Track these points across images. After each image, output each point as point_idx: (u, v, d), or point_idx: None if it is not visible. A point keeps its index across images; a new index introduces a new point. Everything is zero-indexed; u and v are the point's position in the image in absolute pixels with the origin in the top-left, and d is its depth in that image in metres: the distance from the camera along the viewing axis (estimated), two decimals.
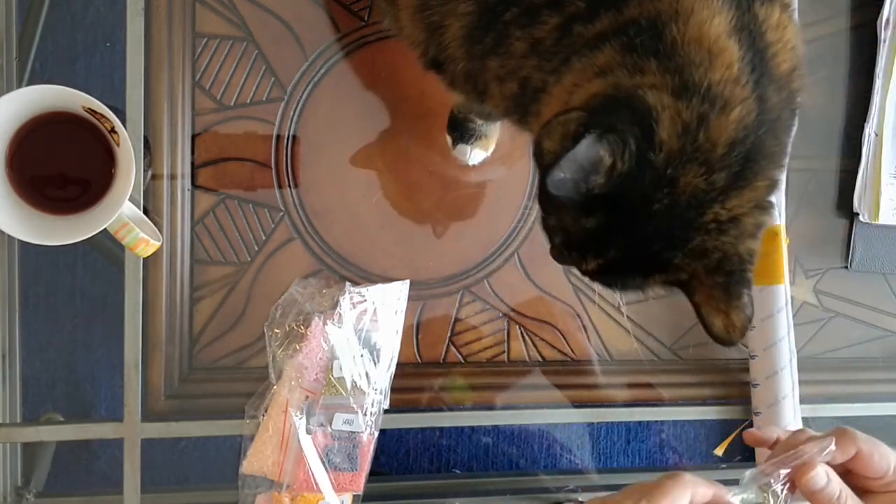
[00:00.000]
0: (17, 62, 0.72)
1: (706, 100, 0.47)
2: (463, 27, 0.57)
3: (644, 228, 0.49)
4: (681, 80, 0.48)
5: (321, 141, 0.77)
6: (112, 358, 0.74)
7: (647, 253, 0.50)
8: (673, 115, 0.47)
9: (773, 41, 0.50)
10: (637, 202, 0.48)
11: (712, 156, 0.47)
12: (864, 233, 0.86)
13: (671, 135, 0.47)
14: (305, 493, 0.74)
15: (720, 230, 0.49)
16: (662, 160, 0.47)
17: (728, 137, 0.48)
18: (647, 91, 0.48)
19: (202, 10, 0.74)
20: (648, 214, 0.48)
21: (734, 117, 0.48)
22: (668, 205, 0.48)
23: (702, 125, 0.47)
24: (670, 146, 0.47)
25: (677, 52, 0.48)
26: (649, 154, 0.47)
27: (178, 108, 0.74)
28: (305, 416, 0.74)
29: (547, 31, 0.52)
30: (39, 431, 0.74)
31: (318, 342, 0.74)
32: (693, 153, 0.47)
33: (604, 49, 0.50)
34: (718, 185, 0.48)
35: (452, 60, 0.60)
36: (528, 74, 0.55)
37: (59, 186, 0.68)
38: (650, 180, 0.47)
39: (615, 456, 0.87)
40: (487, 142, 0.77)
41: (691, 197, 0.48)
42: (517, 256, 0.81)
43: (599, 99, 0.49)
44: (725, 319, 0.51)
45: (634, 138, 0.47)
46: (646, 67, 0.48)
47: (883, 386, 0.88)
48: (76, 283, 0.75)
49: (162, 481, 0.76)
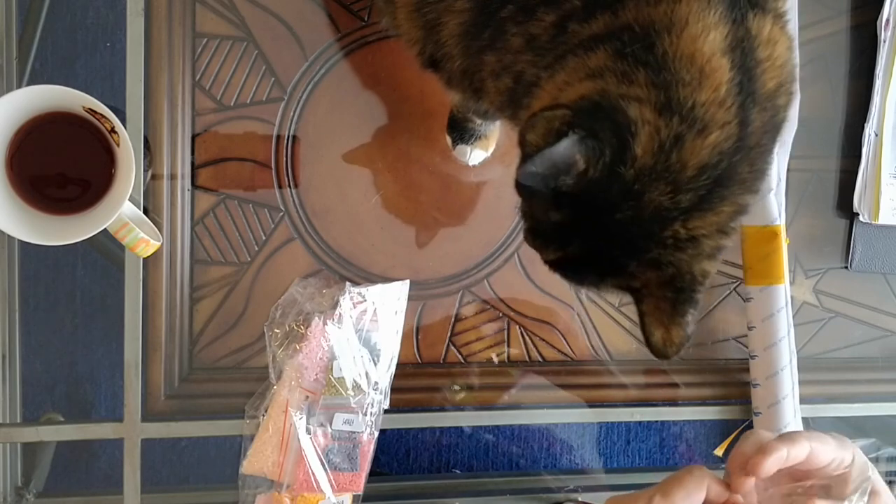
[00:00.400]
0: (17, 62, 0.72)
1: (686, 120, 0.48)
2: (460, 24, 0.58)
3: (605, 232, 0.50)
4: (666, 96, 0.48)
5: (321, 141, 0.77)
6: (112, 358, 0.74)
7: (606, 255, 0.51)
8: (651, 132, 0.48)
9: (764, 58, 0.50)
10: (602, 208, 0.49)
11: (681, 177, 0.48)
12: (864, 233, 0.86)
13: (646, 151, 0.48)
14: (305, 493, 0.74)
15: (677, 247, 0.50)
16: (632, 175, 0.48)
17: (700, 161, 0.48)
18: (631, 103, 0.48)
19: (202, 10, 0.74)
20: (611, 221, 0.49)
21: (710, 141, 0.48)
22: (631, 216, 0.49)
23: (676, 145, 0.47)
24: (643, 162, 0.48)
25: (668, 67, 0.48)
26: (620, 168, 0.48)
27: (178, 108, 0.74)
28: (305, 416, 0.74)
29: (543, 27, 0.53)
30: (39, 431, 0.74)
31: (318, 342, 0.74)
32: (663, 172, 0.48)
33: (597, 51, 0.50)
34: (682, 205, 0.49)
35: (449, 58, 0.60)
36: (522, 69, 0.55)
37: (59, 186, 0.68)
38: (617, 192, 0.48)
39: (615, 456, 0.87)
40: (487, 142, 0.77)
41: (654, 212, 0.49)
42: (517, 256, 0.81)
43: (586, 102, 0.49)
44: (665, 333, 0.52)
45: (610, 149, 0.47)
46: (635, 78, 0.49)
47: (883, 386, 0.88)
48: (76, 283, 0.75)
49: (162, 481, 0.77)
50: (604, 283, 0.54)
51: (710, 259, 0.51)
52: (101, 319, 0.75)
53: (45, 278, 0.74)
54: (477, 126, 0.74)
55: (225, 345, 0.76)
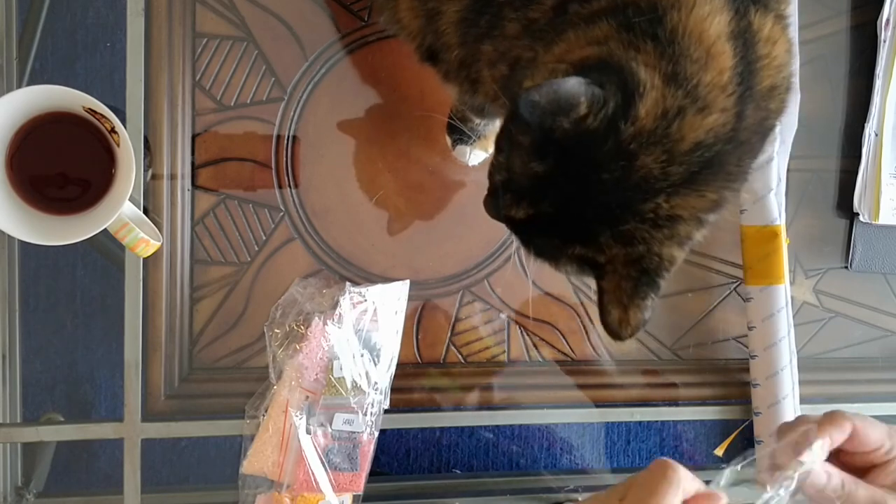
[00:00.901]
0: (17, 62, 0.72)
1: (690, 96, 0.47)
2: (458, 11, 0.58)
3: (585, 192, 0.49)
4: (674, 69, 0.48)
5: (321, 141, 0.77)
6: (112, 358, 0.74)
7: (578, 218, 0.50)
8: (657, 97, 0.47)
9: (763, 55, 0.50)
10: (590, 164, 0.48)
11: (677, 147, 0.48)
12: (864, 233, 0.86)
13: (649, 114, 0.47)
14: (305, 493, 0.74)
15: (655, 224, 0.49)
16: (630, 134, 0.47)
17: (697, 137, 0.48)
18: (640, 66, 0.48)
19: (202, 10, 0.74)
20: (596, 181, 0.48)
21: (709, 122, 0.48)
22: (618, 178, 0.48)
23: (678, 116, 0.47)
24: (644, 124, 0.47)
25: (676, 41, 0.48)
26: (621, 123, 0.47)
27: (178, 108, 0.74)
28: (305, 416, 0.74)
29: (542, 11, 0.52)
30: (39, 431, 0.74)
31: (318, 342, 0.74)
32: (661, 138, 0.47)
33: (600, 24, 0.50)
34: (671, 178, 0.48)
35: (447, 48, 0.60)
36: (518, 54, 0.54)
37: (59, 186, 0.68)
38: (610, 148, 0.47)
39: (615, 456, 0.87)
40: (487, 142, 0.77)
41: (642, 179, 0.48)
42: (517, 256, 0.81)
43: (591, 61, 0.49)
44: (623, 314, 0.51)
45: (615, 102, 0.47)
46: (642, 47, 0.48)
47: (883, 386, 0.88)
48: (76, 284, 0.75)
49: (162, 481, 0.77)
50: (566, 251, 0.52)
51: (681, 246, 0.51)
52: (101, 319, 0.75)
53: (45, 278, 0.74)
54: (476, 126, 0.74)
55: (225, 345, 0.76)
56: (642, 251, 0.50)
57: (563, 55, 0.51)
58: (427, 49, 0.63)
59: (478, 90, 0.61)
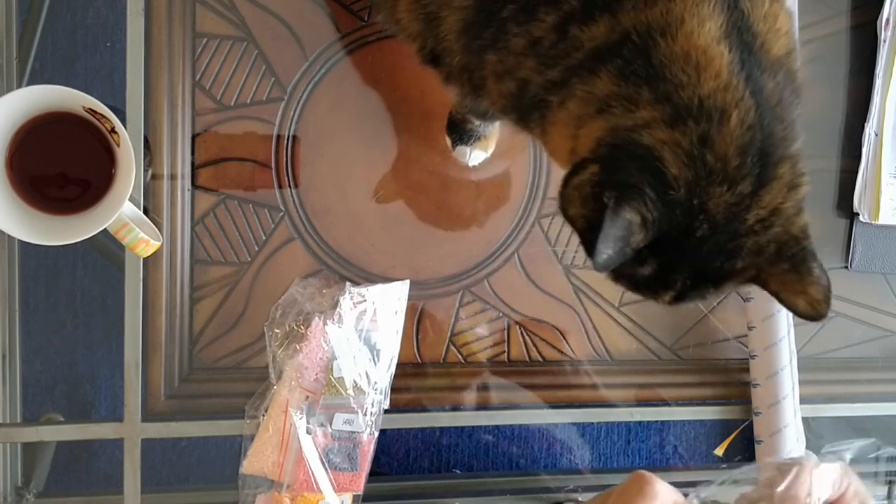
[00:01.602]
0: (17, 62, 0.72)
1: (701, 118, 0.48)
2: (459, 20, 0.58)
3: (697, 254, 0.50)
4: (671, 106, 0.48)
5: (321, 141, 0.77)
6: (112, 358, 0.74)
7: (711, 269, 0.52)
8: (673, 148, 0.48)
9: (762, 31, 0.50)
10: (680, 236, 0.49)
11: (728, 170, 0.48)
12: (864, 233, 0.86)
13: (680, 167, 0.48)
14: (305, 493, 0.74)
15: (766, 226, 0.50)
16: (684, 195, 0.48)
17: (736, 146, 0.48)
18: (642, 133, 0.49)
19: (202, 10, 0.74)
20: (695, 242, 0.50)
21: (734, 123, 0.48)
22: (709, 227, 0.49)
23: (705, 146, 0.48)
24: (685, 177, 0.48)
25: (664, 76, 0.48)
26: (670, 193, 0.48)
27: (178, 108, 0.74)
28: (305, 416, 0.74)
29: (545, 29, 0.53)
30: (39, 431, 0.74)
31: (318, 342, 0.74)
32: (709, 175, 0.48)
33: (601, 75, 0.51)
34: (746, 193, 0.49)
35: (449, 53, 0.60)
36: (526, 77, 0.55)
37: (59, 186, 0.68)
38: (682, 215, 0.49)
39: (615, 456, 0.87)
40: (487, 142, 0.77)
41: (726, 213, 0.49)
42: (517, 256, 0.81)
43: (603, 148, 0.50)
44: (806, 298, 0.52)
45: (650, 186, 0.48)
46: (639, 99, 0.49)
47: (883, 386, 0.88)
48: (76, 283, 0.75)
49: (162, 481, 0.77)
50: (724, 289, 0.54)
51: (799, 214, 0.52)
52: (101, 319, 0.75)
53: (45, 278, 0.74)
54: (476, 127, 0.74)
55: (225, 345, 0.76)
56: (776, 248, 0.51)
57: (577, 120, 0.52)
58: (429, 52, 0.63)
59: (481, 95, 0.61)
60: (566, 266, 0.82)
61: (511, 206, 0.81)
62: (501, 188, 0.81)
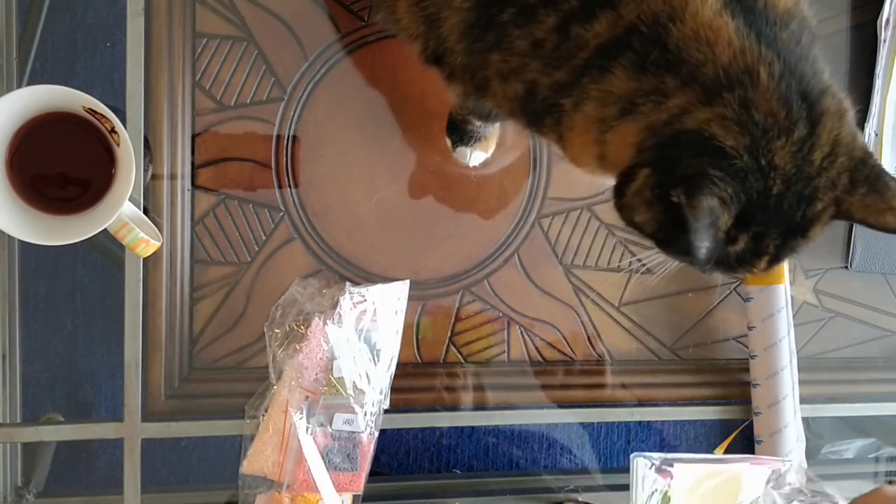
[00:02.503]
0: (17, 62, 0.72)
1: (733, 86, 0.49)
2: (460, 22, 0.58)
3: (780, 211, 0.51)
4: (700, 86, 0.49)
5: (321, 141, 0.77)
6: (112, 358, 0.74)
7: (796, 221, 0.52)
8: (720, 122, 0.49)
9: None
10: (760, 201, 0.50)
11: (779, 121, 0.49)
12: (864, 233, 0.86)
13: (734, 136, 0.48)
14: (305, 493, 0.74)
15: (832, 160, 0.51)
16: (748, 159, 0.49)
17: (776, 98, 0.49)
18: (684, 119, 0.49)
19: (202, 10, 0.74)
20: (774, 201, 0.50)
21: (765, 79, 0.49)
22: (782, 181, 0.50)
23: (749, 108, 0.49)
24: (743, 144, 0.48)
25: (684, 58, 0.49)
26: (734, 164, 0.48)
27: (178, 108, 0.74)
28: (305, 416, 0.74)
29: (546, 30, 0.53)
30: (39, 431, 0.74)
31: (318, 342, 0.74)
32: (764, 133, 0.49)
33: (614, 71, 0.51)
34: (804, 136, 0.50)
35: (451, 53, 0.60)
36: (534, 79, 0.55)
37: (59, 186, 0.68)
38: (754, 179, 0.49)
39: (615, 456, 0.87)
40: (487, 143, 0.77)
41: (793, 162, 0.50)
42: (517, 256, 0.81)
43: (647, 151, 0.51)
44: (893, 213, 0.54)
45: (712, 166, 0.48)
46: (667, 89, 0.50)
47: (883, 386, 0.88)
48: (76, 283, 0.75)
49: (162, 481, 0.77)
50: (812, 236, 0.54)
51: (856, 137, 0.53)
52: (101, 319, 0.75)
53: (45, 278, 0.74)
54: (477, 128, 0.74)
55: (225, 345, 0.76)
56: (848, 176, 0.52)
57: (598, 123, 0.52)
58: (432, 53, 0.62)
59: (485, 95, 0.61)
60: (566, 266, 0.82)
61: (511, 206, 0.81)
62: (501, 188, 0.81)
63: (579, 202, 0.82)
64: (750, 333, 0.82)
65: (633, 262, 0.79)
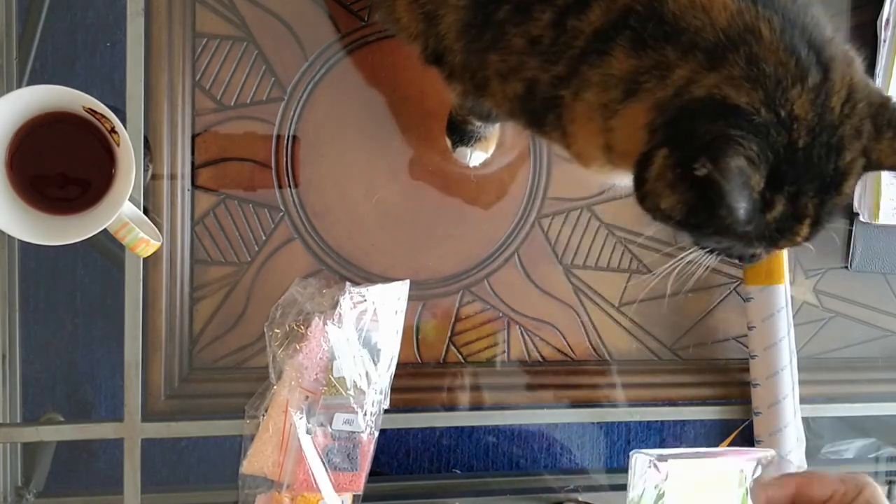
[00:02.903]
0: (17, 62, 0.72)
1: (737, 45, 0.48)
2: (458, 20, 0.58)
3: (811, 165, 0.50)
4: (702, 51, 0.48)
5: (321, 141, 0.77)
6: (112, 358, 0.74)
7: (829, 175, 0.51)
8: (729, 83, 0.47)
9: None
10: (788, 156, 0.49)
11: (790, 70, 0.48)
12: (864, 233, 0.86)
13: (747, 92, 0.47)
14: (305, 493, 0.74)
15: (851, 106, 0.50)
16: (766, 112, 0.47)
17: (783, 49, 0.48)
18: (691, 89, 0.48)
19: (202, 10, 0.74)
20: (803, 154, 0.49)
21: (767, 33, 0.48)
22: (807, 132, 0.49)
23: (757, 63, 0.48)
24: (758, 98, 0.47)
25: (683, 27, 0.48)
26: (755, 120, 0.47)
27: (178, 108, 0.74)
28: (305, 416, 0.74)
29: (542, 27, 0.52)
30: (39, 431, 0.74)
31: (318, 342, 0.74)
32: (777, 84, 0.48)
33: (613, 52, 0.50)
34: (818, 81, 0.49)
35: (450, 52, 0.60)
36: (533, 77, 0.55)
37: (59, 186, 0.68)
38: (777, 132, 0.48)
39: (615, 456, 0.87)
40: (487, 143, 0.77)
41: (813, 110, 0.49)
42: (517, 256, 0.81)
43: (661, 132, 0.49)
44: None
45: (731, 126, 0.47)
46: (668, 62, 0.48)
47: (883, 386, 0.88)
48: (76, 283, 0.75)
49: (162, 481, 0.77)
50: (846, 192, 0.53)
51: (869, 83, 0.52)
52: (101, 319, 0.75)
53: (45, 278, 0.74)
54: (477, 128, 0.74)
55: (225, 345, 0.76)
56: (870, 123, 0.51)
57: (602, 110, 0.51)
58: (432, 52, 0.62)
59: (484, 95, 0.61)
60: (566, 266, 0.82)
61: (511, 206, 0.81)
62: (501, 188, 0.81)
63: (579, 202, 0.82)
64: (750, 333, 0.82)
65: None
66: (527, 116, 0.58)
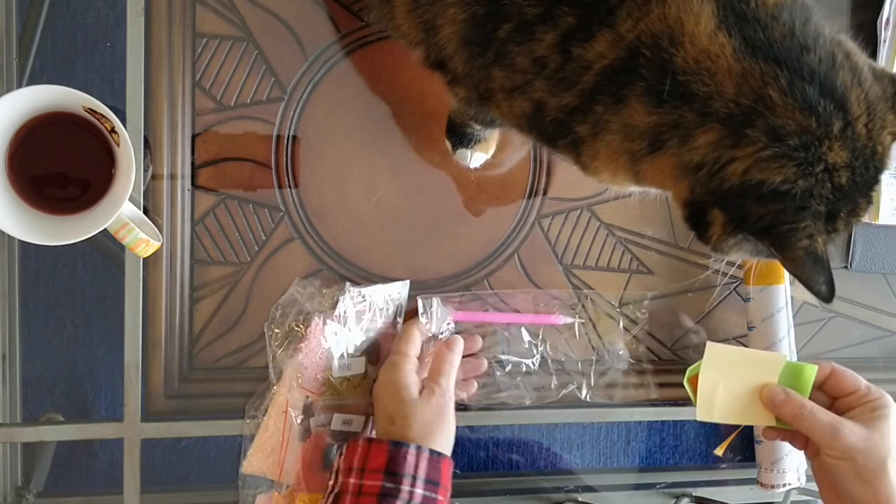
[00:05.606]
0: (17, 62, 0.72)
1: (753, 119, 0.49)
2: (455, 33, 0.57)
3: (857, 188, 0.51)
4: (719, 122, 0.49)
5: (321, 141, 0.77)
6: (112, 358, 0.74)
7: (871, 178, 0.52)
8: (758, 165, 0.49)
9: None
10: (837, 196, 0.51)
11: (813, 130, 0.49)
12: (864, 233, 0.86)
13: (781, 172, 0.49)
14: (305, 493, 0.74)
15: (872, 118, 0.51)
16: (805, 181, 0.49)
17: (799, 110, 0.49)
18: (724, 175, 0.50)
19: (202, 10, 0.74)
20: (849, 185, 0.51)
21: (778, 98, 0.49)
22: (846, 169, 0.50)
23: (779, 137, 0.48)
24: (792, 172, 0.49)
25: (693, 91, 0.49)
26: (795, 192, 0.49)
27: (178, 108, 0.74)
28: (305, 416, 0.74)
29: (546, 48, 0.52)
30: (39, 431, 0.74)
31: (318, 342, 0.74)
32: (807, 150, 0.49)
33: (631, 103, 0.51)
34: (842, 127, 0.50)
35: (451, 60, 0.60)
36: (541, 99, 0.55)
37: (59, 186, 0.68)
38: (823, 187, 0.50)
39: (615, 456, 0.87)
40: (487, 145, 0.77)
41: (846, 151, 0.50)
42: (517, 256, 0.81)
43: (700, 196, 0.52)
44: None
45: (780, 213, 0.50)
46: (687, 124, 0.50)
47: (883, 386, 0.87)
48: (76, 283, 0.75)
49: (162, 481, 0.76)
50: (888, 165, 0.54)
51: (876, 77, 0.53)
52: (101, 319, 0.75)
53: (45, 278, 0.74)
54: (476, 131, 0.74)
55: (225, 345, 0.76)
56: (892, 115, 0.52)
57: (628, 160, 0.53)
58: (434, 60, 0.62)
59: (489, 105, 0.61)
60: (566, 266, 0.82)
61: (511, 206, 0.81)
62: (501, 188, 0.81)
63: (579, 202, 0.82)
64: (750, 333, 0.82)
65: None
66: (536, 133, 0.59)
